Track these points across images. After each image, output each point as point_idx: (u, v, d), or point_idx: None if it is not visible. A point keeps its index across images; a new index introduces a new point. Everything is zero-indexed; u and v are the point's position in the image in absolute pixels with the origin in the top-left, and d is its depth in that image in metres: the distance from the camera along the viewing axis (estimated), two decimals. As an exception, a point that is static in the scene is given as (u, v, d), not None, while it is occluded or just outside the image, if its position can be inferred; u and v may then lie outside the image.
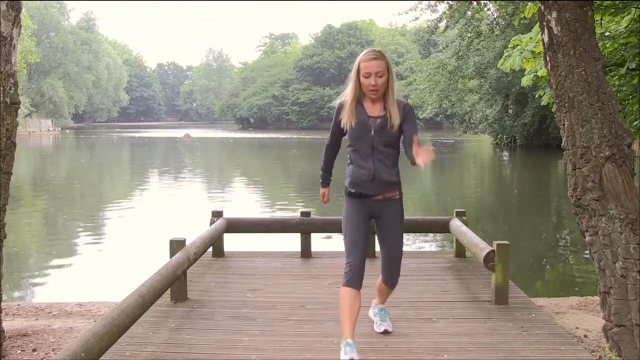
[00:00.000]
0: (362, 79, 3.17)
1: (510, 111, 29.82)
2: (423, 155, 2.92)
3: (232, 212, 6.86)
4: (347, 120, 3.22)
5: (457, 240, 5.26)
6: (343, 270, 3.18)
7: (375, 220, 3.33)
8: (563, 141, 3.38)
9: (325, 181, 3.55)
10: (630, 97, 5.78)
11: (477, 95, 30.35)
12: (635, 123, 5.73)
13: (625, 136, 3.22)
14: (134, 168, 23.56)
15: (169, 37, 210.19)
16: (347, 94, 3.27)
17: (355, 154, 3.25)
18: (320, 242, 5.54)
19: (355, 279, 3.12)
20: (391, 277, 3.41)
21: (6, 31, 3.07)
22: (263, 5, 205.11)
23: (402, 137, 3.22)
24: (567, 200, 6.30)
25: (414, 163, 3.00)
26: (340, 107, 3.29)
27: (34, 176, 19.20)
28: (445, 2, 18.97)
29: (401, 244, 3.38)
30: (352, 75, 3.23)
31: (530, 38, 5.54)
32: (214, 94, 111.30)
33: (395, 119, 3.18)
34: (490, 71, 26.06)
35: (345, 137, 3.34)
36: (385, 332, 3.48)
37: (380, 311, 3.58)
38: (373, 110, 3.24)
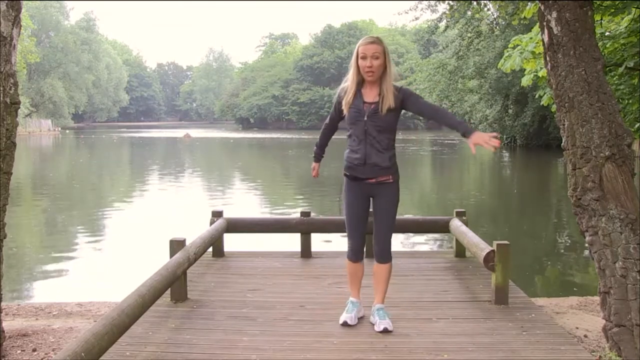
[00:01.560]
0: (360, 61, 3.31)
1: (510, 111, 29.83)
2: (479, 140, 3.06)
3: (232, 212, 6.85)
4: (345, 105, 3.39)
5: (457, 240, 5.25)
6: (345, 254, 3.59)
7: (372, 199, 3.50)
8: (563, 141, 3.38)
9: (317, 156, 3.78)
10: (630, 96, 5.78)
11: (477, 95, 30.39)
12: (636, 124, 5.74)
13: (625, 136, 3.22)
14: (134, 168, 23.56)
15: (169, 37, 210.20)
16: (347, 79, 3.41)
17: (350, 138, 3.42)
18: (320, 242, 5.54)
19: (355, 255, 3.56)
20: (381, 249, 3.50)
21: (6, 31, 3.07)
22: (263, 5, 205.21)
23: (429, 115, 3.43)
24: (567, 201, 6.29)
25: (464, 136, 3.16)
26: (342, 91, 3.44)
27: (34, 176, 19.19)
28: (446, 2, 18.96)
29: (393, 220, 3.50)
30: (352, 61, 3.36)
31: (531, 38, 5.55)
32: (214, 94, 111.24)
33: (387, 103, 3.29)
34: (490, 71, 26.09)
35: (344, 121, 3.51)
36: (385, 331, 3.44)
37: (379, 310, 3.58)
38: (369, 96, 3.37)
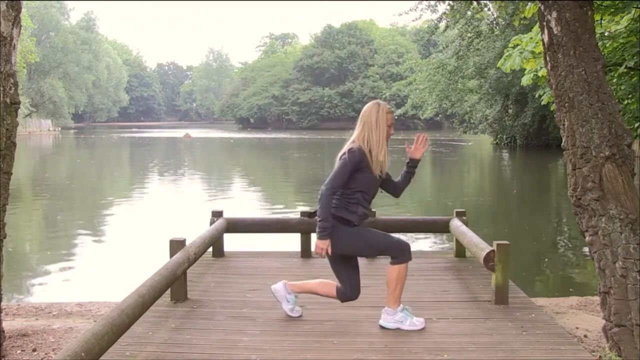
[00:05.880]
0: (388, 129, 3.49)
1: (510, 111, 29.84)
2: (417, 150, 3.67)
3: (232, 212, 6.85)
4: (375, 166, 3.45)
5: (457, 240, 5.26)
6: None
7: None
8: (563, 141, 3.38)
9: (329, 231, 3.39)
10: (630, 96, 5.79)
11: (477, 95, 30.39)
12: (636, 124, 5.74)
13: (625, 136, 3.22)
14: (134, 168, 23.56)
15: (169, 37, 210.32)
16: (368, 141, 3.43)
17: (360, 196, 3.46)
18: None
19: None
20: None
21: (6, 31, 3.07)
22: (263, 5, 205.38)
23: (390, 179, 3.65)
24: (567, 200, 6.28)
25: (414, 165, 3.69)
26: (360, 153, 3.40)
27: (33, 176, 19.20)
28: (446, 2, 18.97)
29: None
30: (378, 123, 3.44)
31: (531, 38, 5.55)
32: (214, 94, 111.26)
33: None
34: (490, 71, 26.09)
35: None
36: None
37: (404, 311, 3.58)
38: None
